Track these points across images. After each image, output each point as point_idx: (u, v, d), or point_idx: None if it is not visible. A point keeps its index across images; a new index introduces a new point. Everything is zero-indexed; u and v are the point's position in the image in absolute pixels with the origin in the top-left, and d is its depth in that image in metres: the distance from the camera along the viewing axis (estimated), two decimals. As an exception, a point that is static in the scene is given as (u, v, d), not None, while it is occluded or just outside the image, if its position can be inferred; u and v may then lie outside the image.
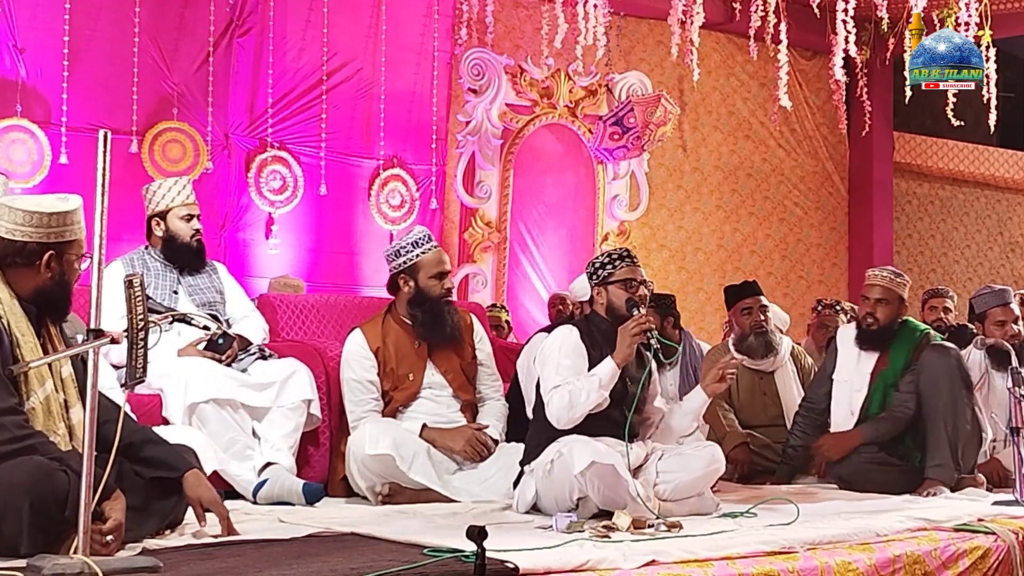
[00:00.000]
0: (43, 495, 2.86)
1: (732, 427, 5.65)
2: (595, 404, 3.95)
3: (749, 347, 5.79)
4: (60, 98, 7.05)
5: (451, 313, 4.73)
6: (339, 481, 4.62)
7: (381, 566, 2.79)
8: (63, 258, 3.20)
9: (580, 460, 3.73)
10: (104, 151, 2.75)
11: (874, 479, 4.91)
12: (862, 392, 5.13)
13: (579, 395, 3.93)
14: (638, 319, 4.00)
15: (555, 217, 9.30)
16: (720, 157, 10.37)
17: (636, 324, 3.98)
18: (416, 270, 4.67)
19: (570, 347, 4.10)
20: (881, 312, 5.15)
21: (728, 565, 3.10)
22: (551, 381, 4.02)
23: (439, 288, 4.68)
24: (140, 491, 3.22)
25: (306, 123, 8.06)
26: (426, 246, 4.68)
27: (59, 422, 3.15)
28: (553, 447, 3.94)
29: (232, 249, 7.76)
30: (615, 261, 4.19)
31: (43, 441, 3.03)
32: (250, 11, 7.83)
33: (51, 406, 3.14)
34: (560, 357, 4.07)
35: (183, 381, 4.32)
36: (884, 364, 5.14)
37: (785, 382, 5.84)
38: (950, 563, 3.58)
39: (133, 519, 3.11)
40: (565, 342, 4.11)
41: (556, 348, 4.10)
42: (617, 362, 3.98)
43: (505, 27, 9.07)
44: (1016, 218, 12.54)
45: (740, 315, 5.83)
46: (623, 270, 4.16)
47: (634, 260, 4.22)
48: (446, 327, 4.70)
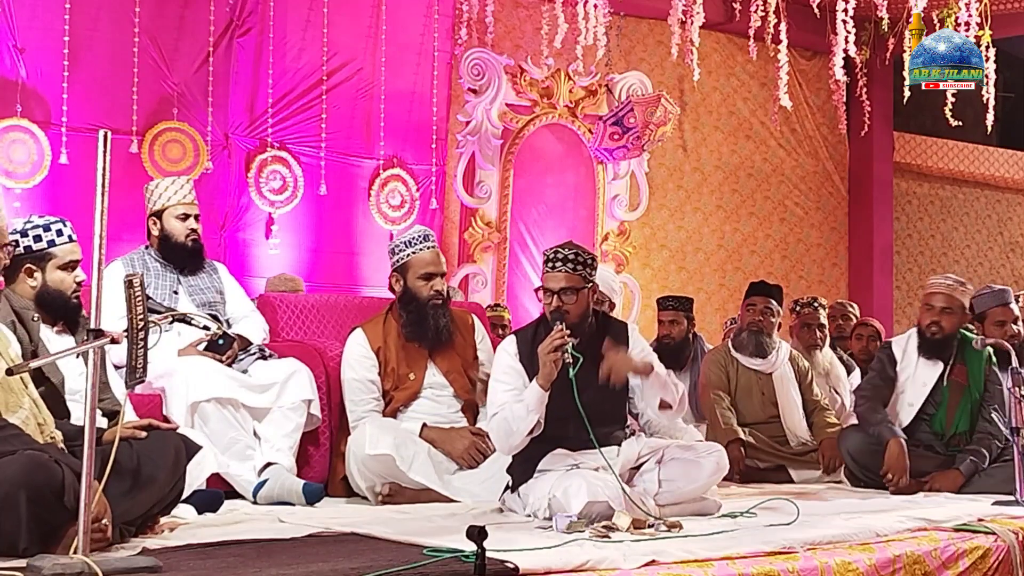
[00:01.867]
0: (39, 487, 2.87)
1: (727, 424, 5.71)
2: (530, 429, 3.81)
3: (740, 342, 5.97)
4: (60, 98, 7.05)
5: (437, 316, 4.65)
6: (339, 481, 4.62)
7: (381, 566, 2.79)
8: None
9: (576, 503, 3.62)
10: (104, 151, 2.75)
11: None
12: (917, 404, 5.12)
13: (512, 423, 3.83)
14: (552, 335, 3.77)
15: (555, 217, 9.30)
16: (720, 157, 10.37)
17: (550, 341, 3.76)
18: (406, 269, 4.67)
19: (502, 368, 3.99)
20: (946, 321, 5.13)
21: (728, 565, 3.10)
22: (491, 408, 3.94)
23: (427, 289, 4.64)
24: (126, 475, 3.22)
25: (306, 123, 8.06)
26: (419, 246, 4.66)
27: (23, 396, 3.18)
28: (545, 484, 3.82)
29: (232, 249, 7.76)
30: (544, 263, 3.96)
31: (17, 433, 3.05)
32: (250, 11, 7.82)
33: (11, 383, 3.15)
34: (494, 381, 3.98)
35: (184, 381, 4.33)
36: (963, 379, 5.14)
37: (783, 384, 5.92)
38: (950, 563, 3.58)
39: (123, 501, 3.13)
40: (499, 364, 4.01)
41: (498, 367, 4.01)
42: (540, 384, 3.78)
43: (505, 27, 9.07)
44: (1016, 218, 12.53)
45: (744, 309, 6.01)
46: (544, 276, 3.95)
47: (557, 266, 3.91)
48: (428, 330, 4.65)
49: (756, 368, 5.90)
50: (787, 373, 5.94)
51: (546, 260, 3.97)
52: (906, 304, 11.24)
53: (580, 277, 3.94)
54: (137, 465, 3.28)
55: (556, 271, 3.93)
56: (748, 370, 5.91)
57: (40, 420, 3.21)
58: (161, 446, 3.38)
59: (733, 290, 10.21)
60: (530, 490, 3.91)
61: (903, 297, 11.40)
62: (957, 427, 5.13)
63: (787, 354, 6.00)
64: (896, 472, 4.89)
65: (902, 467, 4.88)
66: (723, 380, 5.89)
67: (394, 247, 4.73)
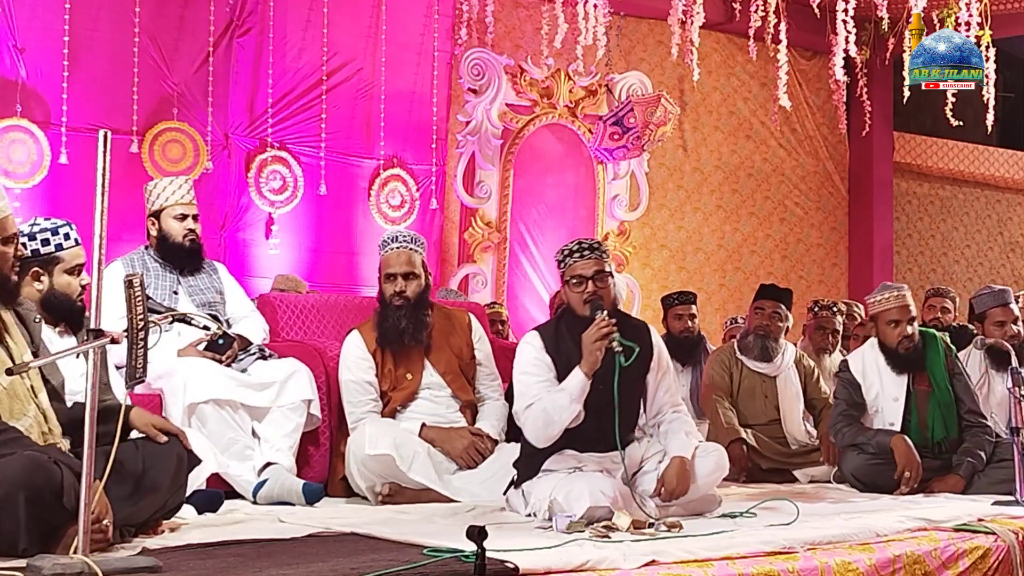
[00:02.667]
0: (38, 487, 2.87)
1: (729, 424, 5.70)
2: (571, 418, 3.83)
3: (746, 345, 5.94)
4: (60, 98, 7.05)
5: (398, 318, 4.61)
6: (339, 481, 4.62)
7: (381, 566, 2.79)
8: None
9: (577, 507, 3.62)
10: (104, 151, 2.75)
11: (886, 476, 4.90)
12: (898, 422, 5.02)
13: (553, 412, 3.82)
14: (598, 323, 3.79)
15: (555, 217, 9.30)
16: (720, 157, 10.37)
17: (596, 330, 3.78)
18: (380, 269, 4.71)
19: (530, 361, 3.96)
20: (912, 330, 5.05)
21: (728, 565, 3.10)
22: (520, 401, 3.90)
23: (389, 289, 4.64)
24: (128, 479, 3.22)
25: (306, 123, 8.06)
26: (388, 247, 4.68)
27: (28, 404, 3.17)
28: (547, 484, 3.83)
29: (232, 249, 7.76)
30: (566, 257, 3.98)
31: (16, 436, 3.05)
32: (250, 11, 7.83)
33: (16, 389, 3.15)
34: (521, 374, 3.96)
35: (183, 381, 4.32)
36: (926, 385, 5.06)
37: (786, 387, 5.92)
38: (950, 563, 3.58)
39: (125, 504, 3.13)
40: (525, 357, 3.98)
41: (525, 361, 3.97)
42: (585, 372, 3.80)
43: (505, 27, 9.07)
44: (1016, 218, 12.54)
45: (753, 312, 5.99)
46: (572, 267, 3.96)
47: (585, 254, 3.95)
48: (388, 331, 4.62)
49: (760, 371, 5.90)
50: (791, 377, 5.93)
51: (569, 253, 3.98)
52: (906, 304, 11.22)
53: (607, 263, 4.00)
54: (142, 470, 3.28)
55: (586, 258, 3.96)
56: (752, 372, 5.91)
57: (45, 429, 3.19)
58: (165, 453, 3.38)
59: (733, 290, 10.22)
60: (533, 488, 3.92)
61: (903, 297, 11.39)
62: (934, 434, 5.02)
63: (792, 357, 5.99)
64: (911, 468, 4.81)
65: (915, 461, 4.82)
66: (725, 381, 5.88)
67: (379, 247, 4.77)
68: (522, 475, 4.02)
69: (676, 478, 3.89)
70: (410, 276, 4.65)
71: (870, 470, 4.97)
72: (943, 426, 5.03)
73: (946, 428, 5.03)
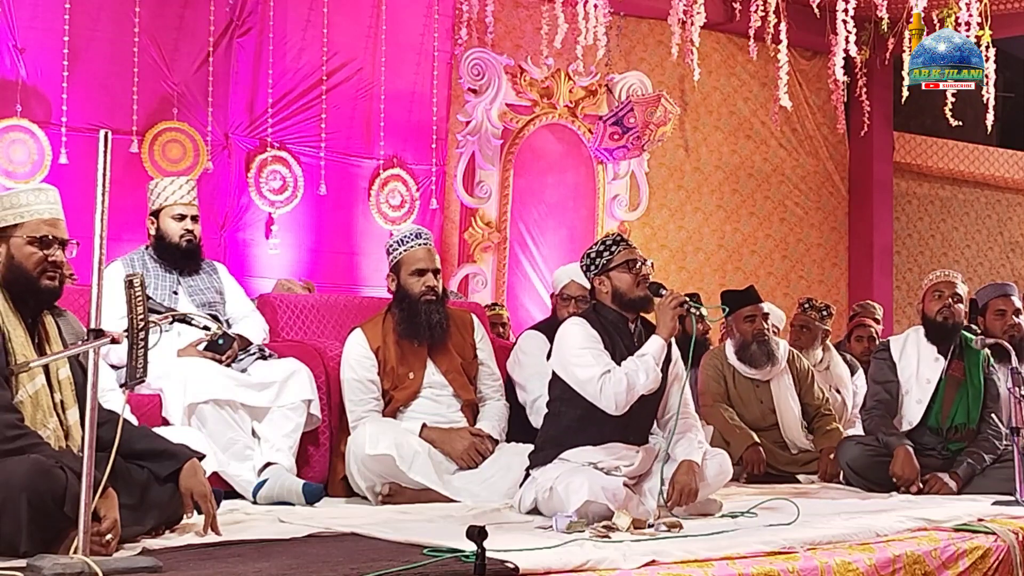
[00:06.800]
0: (40, 492, 2.87)
1: (742, 429, 5.62)
2: (652, 384, 3.93)
3: (752, 356, 5.78)
4: (60, 98, 7.05)
5: (430, 312, 4.63)
6: (339, 481, 4.62)
7: (381, 566, 2.79)
8: (9, 241, 3.21)
9: (575, 499, 3.66)
10: (104, 151, 2.75)
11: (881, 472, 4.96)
12: (925, 401, 5.10)
13: (637, 376, 3.89)
14: (670, 293, 4.02)
15: (555, 217, 9.30)
16: (721, 157, 10.37)
17: (672, 298, 3.99)
18: (399, 267, 4.68)
19: (583, 337, 4.02)
20: (956, 309, 5.13)
21: (728, 565, 3.10)
22: (592, 370, 3.93)
23: (419, 285, 4.63)
24: (135, 489, 3.22)
25: (306, 123, 8.06)
26: (411, 243, 4.66)
27: (49, 416, 3.16)
28: (554, 471, 3.89)
29: (232, 249, 7.76)
30: (611, 247, 4.13)
31: (35, 442, 3.04)
32: (250, 11, 7.83)
33: (40, 400, 3.14)
34: (580, 349, 4.00)
35: (182, 381, 4.32)
36: (959, 374, 5.14)
37: (780, 391, 5.84)
38: (950, 563, 3.58)
39: (130, 516, 3.11)
40: (584, 332, 4.03)
41: (580, 338, 4.01)
42: (664, 336, 3.98)
43: (505, 27, 9.07)
44: (1016, 218, 12.54)
45: (742, 323, 5.79)
46: (622, 253, 4.11)
47: (628, 242, 4.17)
48: (420, 326, 4.63)
49: (753, 376, 5.83)
50: (785, 379, 5.84)
51: (613, 243, 4.13)
52: (906, 304, 11.24)
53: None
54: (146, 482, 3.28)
55: (629, 246, 4.14)
56: (745, 378, 5.83)
57: (63, 445, 3.16)
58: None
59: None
60: (542, 474, 3.97)
61: (903, 297, 11.40)
62: (953, 420, 5.11)
63: (786, 355, 5.92)
64: (904, 474, 4.89)
65: (912, 472, 4.88)
66: (721, 388, 5.80)
67: (388, 247, 4.75)
68: (538, 460, 4.07)
69: (687, 482, 3.94)
70: (437, 272, 4.70)
71: (866, 463, 5.05)
72: (965, 413, 5.11)
73: (968, 416, 5.10)
